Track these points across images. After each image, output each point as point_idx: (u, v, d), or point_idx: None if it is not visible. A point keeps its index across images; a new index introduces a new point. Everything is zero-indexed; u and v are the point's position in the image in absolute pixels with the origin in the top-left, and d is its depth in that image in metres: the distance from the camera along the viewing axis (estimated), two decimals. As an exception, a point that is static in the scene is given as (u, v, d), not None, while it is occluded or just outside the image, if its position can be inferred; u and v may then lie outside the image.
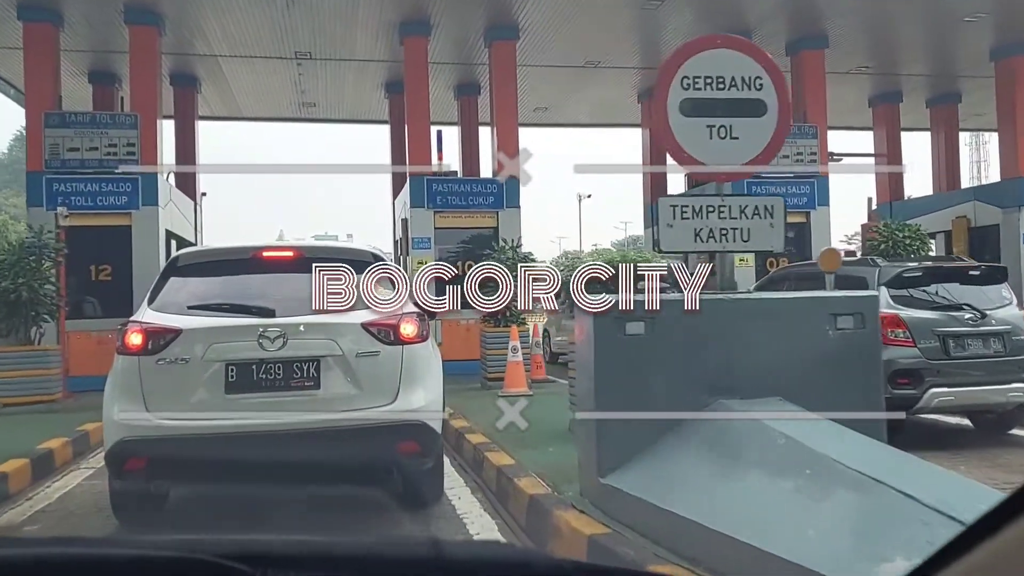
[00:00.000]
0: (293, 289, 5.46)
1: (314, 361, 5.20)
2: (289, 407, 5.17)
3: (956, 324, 8.21)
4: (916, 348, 8.01)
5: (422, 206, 16.66)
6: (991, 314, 8.26)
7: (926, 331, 8.12)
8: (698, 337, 5.51)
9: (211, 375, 5.11)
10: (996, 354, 8.21)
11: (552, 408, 10.50)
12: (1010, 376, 8.11)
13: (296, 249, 6.11)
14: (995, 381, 8.09)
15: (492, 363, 13.04)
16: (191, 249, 6.90)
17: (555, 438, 8.31)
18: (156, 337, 5.12)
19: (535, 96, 20.96)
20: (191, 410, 5.10)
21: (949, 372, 8.09)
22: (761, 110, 5.91)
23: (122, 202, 15.33)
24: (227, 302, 5.47)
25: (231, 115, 23.50)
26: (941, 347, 8.13)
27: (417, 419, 5.40)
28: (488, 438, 8.51)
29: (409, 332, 5.46)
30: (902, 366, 7.94)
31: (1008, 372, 8.13)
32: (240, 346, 5.14)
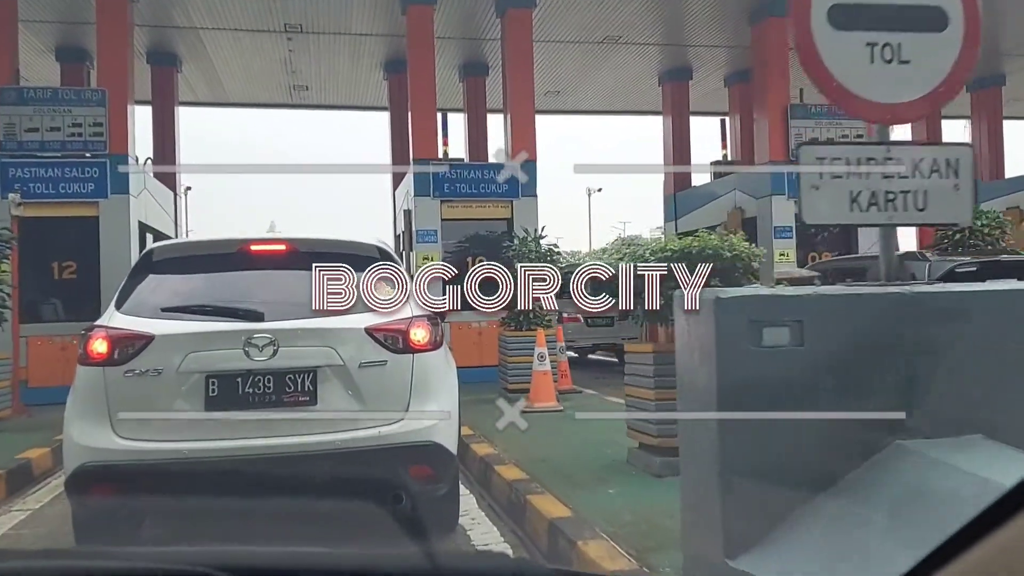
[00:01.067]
0: (286, 289, 5.07)
1: (310, 372, 4.73)
2: (280, 427, 4.71)
3: None
4: None
5: (427, 195, 14.94)
6: None
7: None
8: (867, 349, 3.73)
9: (188, 389, 4.66)
10: None
11: (594, 428, 8.76)
12: None
13: (289, 242, 5.43)
14: None
15: (513, 372, 11.30)
16: (167, 242, 6.28)
17: (611, 472, 6.56)
18: (124, 345, 4.68)
19: (547, 79, 19.29)
20: (165, 430, 4.69)
21: None
22: (941, 22, 4.13)
23: (88, 190, 13.69)
24: (208, 304, 4.99)
25: (216, 100, 21.79)
26: None
27: (430, 439, 4.91)
28: (524, 471, 6.74)
29: (420, 338, 4.96)
30: None
31: None
32: (223, 355, 4.69)
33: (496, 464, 7.11)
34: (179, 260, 5.43)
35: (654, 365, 6.24)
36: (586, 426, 9.06)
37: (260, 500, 4.60)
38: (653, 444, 6.28)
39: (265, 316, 4.78)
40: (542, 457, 7.31)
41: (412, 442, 4.84)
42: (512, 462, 7.15)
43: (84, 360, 4.78)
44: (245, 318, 4.80)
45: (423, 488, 5.04)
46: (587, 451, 7.47)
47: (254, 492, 4.63)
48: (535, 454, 7.47)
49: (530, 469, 6.78)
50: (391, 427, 4.83)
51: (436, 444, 4.93)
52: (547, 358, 10.51)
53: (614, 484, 6.15)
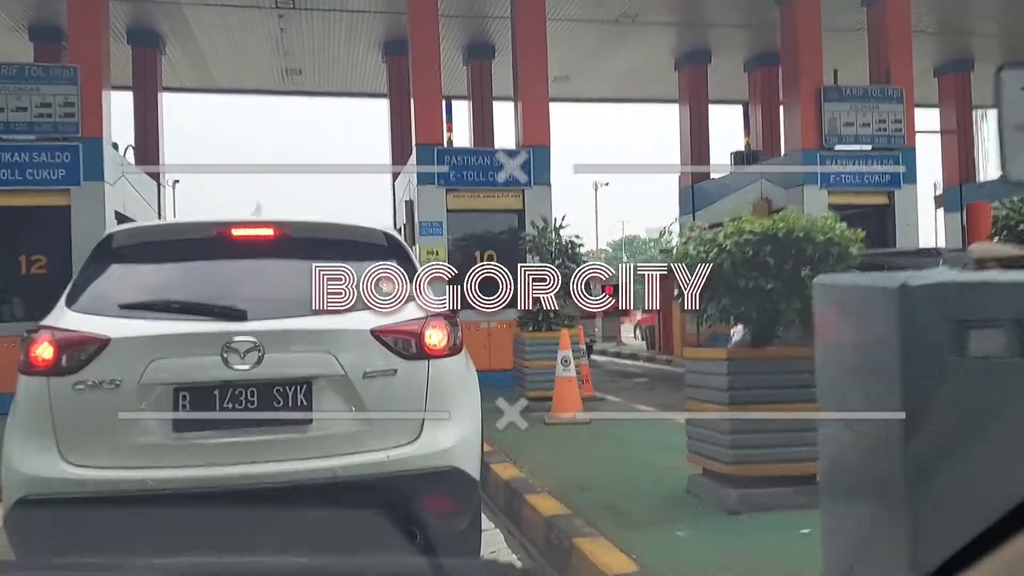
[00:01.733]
0: (274, 282, 4.47)
1: (303, 384, 4.08)
2: (267, 451, 4.05)
3: None
4: None
5: (431, 183, 13.70)
6: None
7: None
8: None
9: (153, 405, 3.99)
10: None
11: (634, 446, 7.54)
12: None
13: (278, 226, 4.65)
14: None
15: (532, 378, 10.05)
16: (130, 225, 5.16)
17: (672, 506, 5.36)
18: (74, 350, 3.99)
19: (555, 63, 17.90)
20: (124, 456, 3.98)
21: None
22: None
23: (58, 176, 12.51)
24: (179, 300, 4.25)
25: (203, 86, 20.47)
26: None
27: (449, 464, 4.18)
28: (562, 502, 5.51)
29: (437, 341, 4.26)
30: None
31: None
32: (196, 363, 4.03)
33: (526, 492, 5.88)
34: (144, 247, 4.65)
35: (728, 375, 5.01)
36: (623, 442, 7.85)
37: (242, 540, 4.05)
38: (726, 473, 5.05)
39: (248, 315, 4.07)
40: (580, 483, 6.08)
41: (428, 468, 4.13)
42: (545, 489, 5.93)
43: (26, 368, 4.08)
44: (224, 317, 4.09)
45: (440, 522, 4.34)
46: (634, 476, 6.23)
47: (234, 531, 4.04)
48: (571, 479, 6.24)
49: (569, 500, 5.55)
50: (402, 450, 4.11)
51: (456, 470, 4.19)
52: (572, 362, 9.27)
53: (681, 523, 4.91)
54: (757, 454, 5.01)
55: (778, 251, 4.91)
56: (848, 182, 14.87)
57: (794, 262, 4.96)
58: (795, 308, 5.10)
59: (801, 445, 5.06)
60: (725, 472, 5.05)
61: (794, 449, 5.05)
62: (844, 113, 14.97)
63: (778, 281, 4.93)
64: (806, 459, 5.06)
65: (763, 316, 5.05)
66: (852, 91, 15.16)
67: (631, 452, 7.24)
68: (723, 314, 5.05)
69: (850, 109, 15.01)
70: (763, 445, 5.02)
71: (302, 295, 4.16)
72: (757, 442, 5.01)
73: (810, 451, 5.15)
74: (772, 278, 4.92)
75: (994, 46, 19.77)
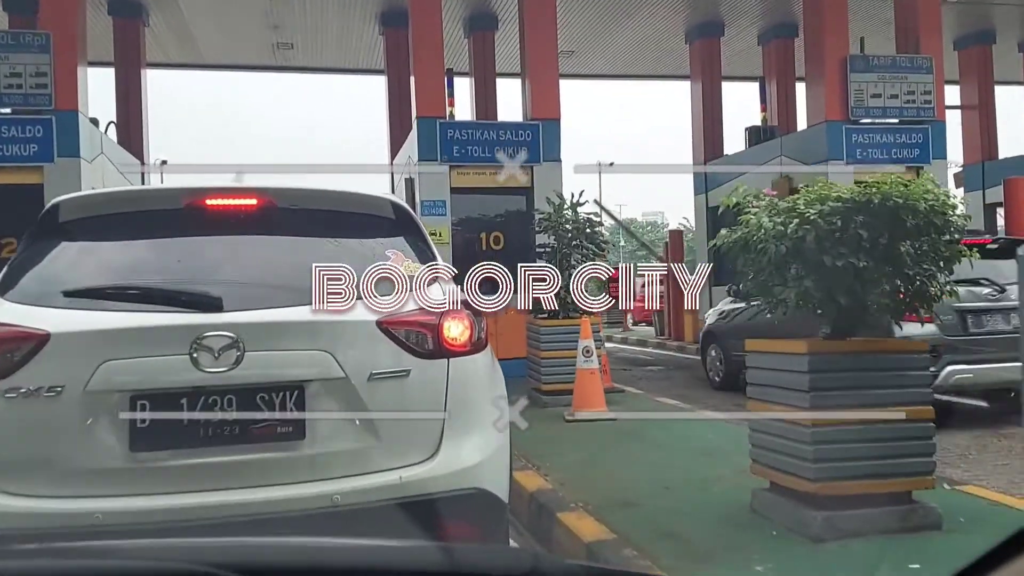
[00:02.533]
0: (257, 263, 3.69)
1: (294, 389, 3.30)
2: (249, 474, 3.27)
3: (975, 299, 8.11)
4: (933, 324, 7.20)
5: (434, 159, 12.78)
6: (1011, 289, 7.69)
7: (944, 307, 6.94)
8: None
9: (104, 418, 3.22)
10: (1016, 329, 7.16)
11: (669, 447, 6.72)
12: None
13: (262, 194, 3.82)
14: (1015, 358, 6.56)
15: (548, 370, 9.16)
16: (79, 194, 4.25)
17: (738, 529, 4.50)
18: (3, 349, 3.23)
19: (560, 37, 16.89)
20: (68, 482, 3.22)
21: (968, 348, 8.06)
22: None
23: (30, 152, 11.59)
24: (138, 285, 3.48)
25: (190, 61, 19.44)
26: (960, 323, 8.15)
27: (475, 485, 3.47)
28: (603, 523, 4.66)
29: (458, 335, 3.53)
30: None
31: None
32: (158, 364, 3.25)
33: (558, 509, 5.02)
34: (98, 220, 3.85)
35: (810, 373, 4.13)
36: (657, 443, 6.99)
37: None
38: (808, 491, 4.18)
39: (224, 304, 3.37)
40: (621, 496, 5.22)
41: (449, 491, 3.46)
42: (580, 505, 5.06)
43: None
44: (194, 307, 3.37)
45: None
46: (681, 488, 5.37)
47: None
48: (609, 491, 5.38)
49: (612, 520, 4.69)
50: (418, 469, 3.44)
51: (483, 492, 3.54)
52: (594, 353, 8.39)
53: (757, 553, 4.04)
54: (846, 468, 4.14)
55: (872, 222, 4.03)
56: (875, 157, 13.98)
57: (890, 235, 4.08)
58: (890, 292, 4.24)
59: (893, 457, 4.22)
60: (807, 490, 4.18)
61: (887, 462, 4.21)
62: (872, 84, 14.06)
63: (870, 258, 4.06)
64: (898, 474, 4.22)
65: (852, 301, 4.17)
66: (880, 60, 14.25)
67: (669, 456, 6.38)
68: (804, 299, 4.16)
69: (878, 80, 14.11)
70: (853, 458, 4.15)
71: (292, 279, 3.48)
72: (846, 454, 4.14)
73: (902, 464, 4.34)
74: (865, 254, 4.04)
75: (1016, 16, 18.89)
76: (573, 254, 9.73)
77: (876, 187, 4.13)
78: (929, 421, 4.26)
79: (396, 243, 3.83)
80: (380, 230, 3.88)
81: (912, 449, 4.22)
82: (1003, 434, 7.86)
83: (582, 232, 9.70)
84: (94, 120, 13.50)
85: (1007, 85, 21.24)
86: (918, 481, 4.24)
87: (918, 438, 4.24)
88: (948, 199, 4.15)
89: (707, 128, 18.65)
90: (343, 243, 3.77)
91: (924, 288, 4.19)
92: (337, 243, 3.78)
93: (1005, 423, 8.44)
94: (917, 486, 4.25)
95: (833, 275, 4.06)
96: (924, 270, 4.16)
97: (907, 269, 4.10)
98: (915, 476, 4.24)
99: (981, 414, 8.91)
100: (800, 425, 4.19)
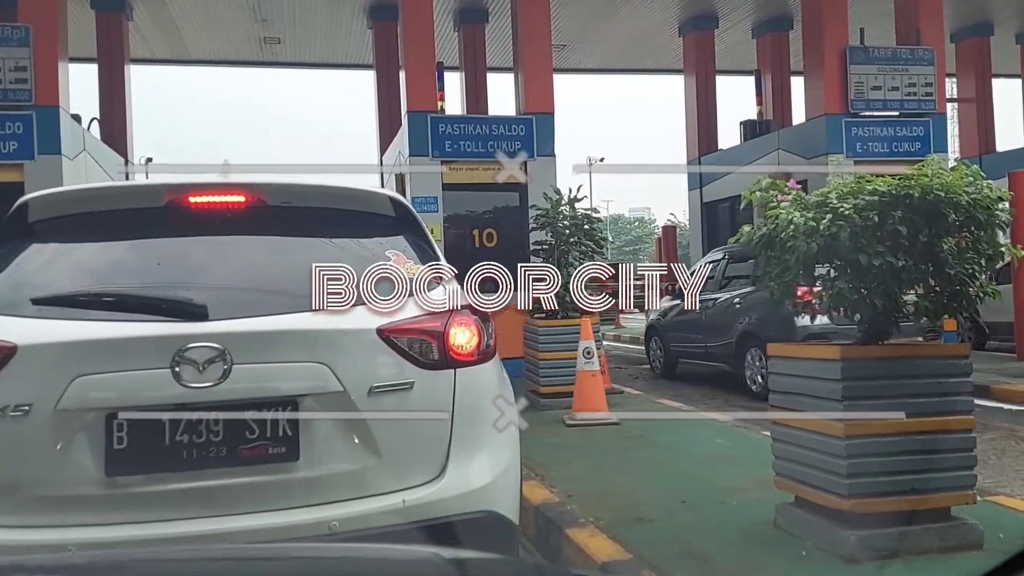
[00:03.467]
0: (246, 267, 3.37)
1: (287, 405, 3.04)
2: (239, 500, 3.01)
3: None
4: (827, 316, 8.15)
5: (425, 155, 12.46)
6: None
7: None
8: None
9: (77, 439, 2.96)
10: None
11: (678, 454, 6.45)
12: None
13: (251, 191, 3.51)
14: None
15: (546, 372, 8.85)
16: (51, 191, 3.84)
17: (763, 547, 4.20)
18: None
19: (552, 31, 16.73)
20: (35, 511, 2.95)
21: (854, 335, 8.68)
22: None
23: (10, 149, 11.27)
24: (113, 292, 3.19)
25: (176, 57, 19.05)
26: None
27: (485, 508, 3.19)
28: (618, 541, 4.37)
29: (465, 342, 3.24)
30: (814, 331, 8.77)
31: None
32: (137, 380, 2.98)
33: (567, 526, 4.71)
34: (71, 220, 3.56)
35: (843, 381, 3.83)
36: (665, 448, 6.71)
37: None
38: (842, 509, 3.88)
39: (210, 312, 3.10)
40: (634, 510, 4.92)
41: (457, 514, 3.20)
42: (590, 520, 4.76)
43: None
44: (177, 315, 3.11)
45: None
46: (697, 500, 5.07)
47: None
48: (620, 503, 5.08)
49: (627, 538, 4.39)
50: (422, 491, 3.18)
51: (494, 515, 3.26)
52: (595, 354, 8.09)
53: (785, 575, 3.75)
54: (882, 484, 3.85)
55: (912, 218, 3.74)
56: (876, 150, 13.72)
57: (931, 232, 3.78)
58: (927, 293, 3.95)
59: (932, 471, 3.92)
60: (840, 507, 3.88)
61: (926, 475, 3.92)
62: (872, 76, 13.80)
63: (909, 257, 3.77)
64: (938, 488, 3.93)
65: (888, 303, 3.87)
66: (880, 52, 13.98)
67: (680, 464, 6.09)
68: (838, 301, 3.86)
69: (877, 72, 13.84)
70: (890, 472, 3.86)
71: (284, 284, 3.25)
72: (882, 468, 3.84)
73: (942, 478, 4.04)
74: (903, 252, 3.75)
75: (1014, 8, 18.68)
76: (571, 251, 9.43)
77: (915, 179, 3.83)
78: (970, 431, 3.97)
79: (396, 243, 3.54)
80: (379, 229, 3.60)
81: (952, 462, 3.93)
82: (1020, 437, 7.61)
83: (580, 228, 9.40)
84: (76, 116, 13.13)
85: (1005, 78, 21.02)
86: (959, 496, 3.95)
87: (959, 450, 3.94)
88: (993, 192, 3.86)
89: (701, 122, 18.38)
90: (339, 243, 3.47)
91: (964, 289, 3.89)
92: (333, 243, 3.47)
93: (1021, 425, 8.21)
94: (958, 501, 3.96)
95: (869, 275, 3.76)
96: (966, 269, 3.87)
97: (948, 268, 3.81)
98: (956, 491, 3.94)
99: (996, 416, 8.67)
100: (833, 437, 3.89)
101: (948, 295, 4.00)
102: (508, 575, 1.39)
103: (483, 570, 1.52)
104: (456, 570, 1.29)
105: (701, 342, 11.55)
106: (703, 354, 11.63)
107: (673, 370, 12.69)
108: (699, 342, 11.64)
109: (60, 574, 1.30)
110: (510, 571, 1.48)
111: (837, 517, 3.93)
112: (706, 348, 11.47)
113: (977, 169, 3.94)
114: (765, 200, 4.29)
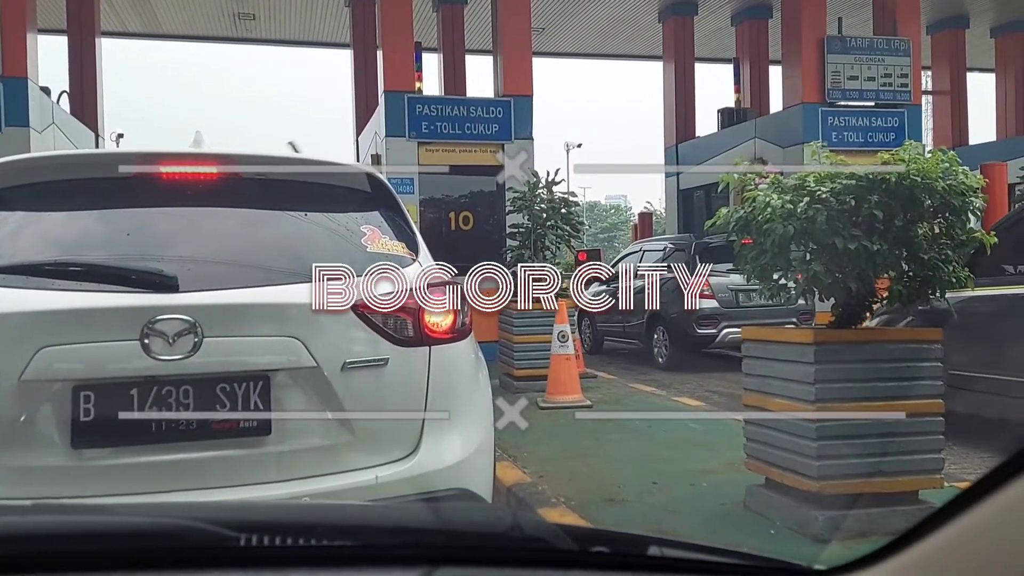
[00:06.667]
0: (217, 238, 3.32)
1: (258, 380, 2.98)
2: (209, 475, 2.97)
3: (743, 282, 9.12)
4: (715, 300, 11.03)
5: (402, 135, 12.38)
6: None
7: (722, 286, 10.95)
8: None
9: (43, 411, 2.91)
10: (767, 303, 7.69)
11: (649, 436, 6.48)
12: (782, 318, 9.80)
13: (224, 161, 3.47)
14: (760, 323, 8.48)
15: (520, 355, 8.84)
16: (13, 158, 3.64)
17: (734, 528, 4.23)
18: None
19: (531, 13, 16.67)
20: (2, 483, 2.88)
21: (737, 316, 10.78)
22: None
23: (-25, 122, 10.87)
24: (80, 262, 3.09)
25: (148, 31, 18.75)
26: (733, 299, 11.18)
27: (456, 486, 3.17)
28: (590, 521, 4.39)
29: (440, 320, 3.23)
30: (705, 313, 11.02)
31: (779, 315, 9.76)
32: (105, 351, 2.92)
33: (539, 505, 4.72)
34: (35, 188, 3.46)
35: (816, 365, 3.85)
36: (636, 431, 6.73)
37: None
38: (811, 490, 3.91)
39: (180, 283, 3.02)
40: (604, 491, 4.93)
41: (430, 491, 3.16)
42: (561, 500, 4.76)
43: None
44: (146, 286, 3.02)
45: None
46: (667, 481, 5.09)
47: None
48: (591, 484, 5.10)
49: (598, 517, 4.40)
50: (395, 468, 3.15)
51: (466, 493, 3.23)
52: (570, 338, 8.09)
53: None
54: (851, 466, 3.88)
55: (888, 202, 3.75)
56: (851, 140, 13.80)
57: (906, 217, 3.80)
58: (901, 277, 3.97)
59: (901, 453, 3.96)
60: (809, 489, 3.90)
61: (894, 459, 3.95)
62: (848, 66, 13.86)
63: (884, 241, 3.78)
64: (906, 471, 3.97)
65: (862, 287, 3.89)
66: (857, 42, 14.05)
67: (651, 446, 6.11)
68: (813, 284, 3.87)
69: (854, 61, 13.91)
70: (858, 454, 3.88)
71: (256, 257, 3.24)
72: (851, 450, 3.87)
73: (910, 461, 4.08)
74: (879, 236, 3.76)
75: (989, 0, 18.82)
76: (548, 234, 9.42)
77: (893, 164, 3.85)
78: (939, 415, 4.00)
79: (372, 218, 3.48)
80: (354, 203, 3.55)
81: (921, 445, 3.96)
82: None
83: (557, 212, 9.39)
84: (45, 89, 12.92)
85: (979, 72, 21.17)
86: (926, 480, 3.98)
87: (927, 433, 3.98)
88: (969, 179, 3.88)
89: (679, 109, 18.36)
90: (314, 217, 3.42)
91: (937, 274, 3.91)
92: (307, 217, 3.42)
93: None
94: (925, 485, 3.99)
95: (844, 258, 3.77)
96: (938, 255, 3.89)
97: (922, 253, 3.83)
98: (923, 474, 3.97)
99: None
100: (801, 419, 3.91)
101: (921, 280, 4.02)
102: (485, 520, 1.40)
103: (461, 513, 1.56)
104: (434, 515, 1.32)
105: (620, 323, 13.25)
106: (622, 333, 13.50)
107: (600, 346, 14.55)
108: (618, 323, 13.31)
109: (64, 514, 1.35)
110: (487, 517, 1.51)
111: (806, 498, 3.96)
112: (624, 328, 13.21)
113: (954, 155, 3.95)
114: (743, 183, 4.29)
